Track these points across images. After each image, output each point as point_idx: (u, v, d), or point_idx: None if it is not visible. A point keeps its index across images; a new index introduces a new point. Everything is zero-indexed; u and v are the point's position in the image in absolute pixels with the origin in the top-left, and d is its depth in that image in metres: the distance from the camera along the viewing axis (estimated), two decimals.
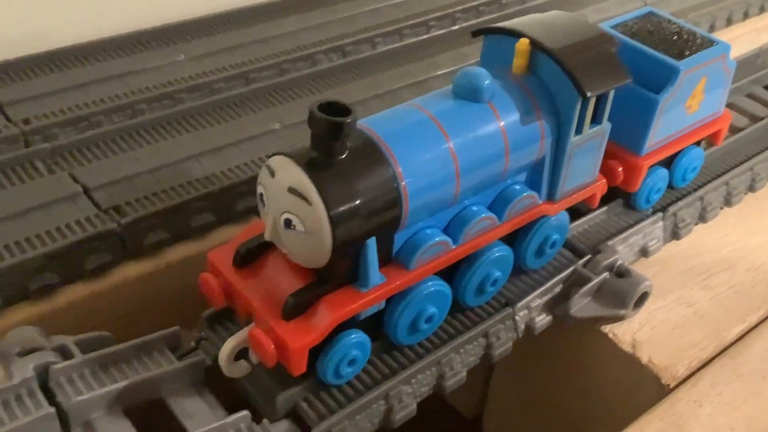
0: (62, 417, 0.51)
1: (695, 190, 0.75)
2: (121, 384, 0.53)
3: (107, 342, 0.57)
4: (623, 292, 0.64)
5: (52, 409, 0.51)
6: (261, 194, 0.51)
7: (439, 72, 0.91)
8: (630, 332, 0.64)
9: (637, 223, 0.70)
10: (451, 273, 0.59)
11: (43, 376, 0.53)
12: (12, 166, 0.70)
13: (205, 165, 0.73)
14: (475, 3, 1.05)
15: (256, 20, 0.98)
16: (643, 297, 0.65)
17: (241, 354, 0.55)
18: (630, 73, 0.59)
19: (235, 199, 0.71)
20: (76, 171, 0.70)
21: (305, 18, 1.00)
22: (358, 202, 0.49)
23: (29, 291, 0.61)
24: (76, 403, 0.51)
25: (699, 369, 0.62)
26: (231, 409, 0.53)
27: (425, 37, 0.98)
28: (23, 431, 0.50)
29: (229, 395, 0.56)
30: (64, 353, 0.55)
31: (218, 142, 0.75)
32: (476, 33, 0.61)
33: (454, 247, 0.56)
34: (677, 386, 0.61)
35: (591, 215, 0.70)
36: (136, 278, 0.66)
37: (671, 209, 0.72)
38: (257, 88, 0.84)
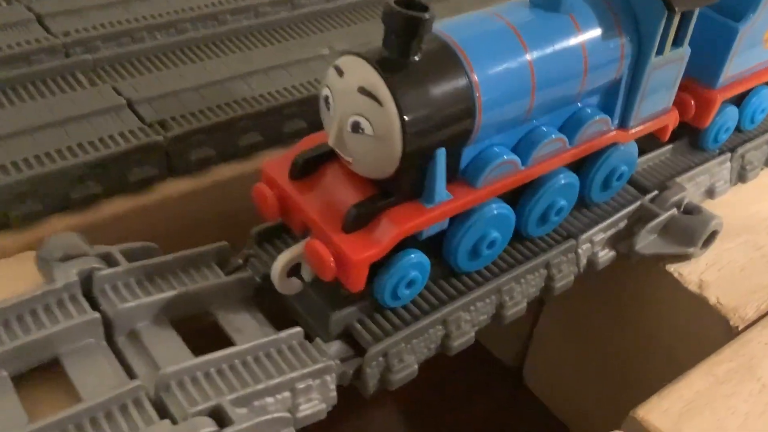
0: (106, 325, 0.49)
1: (763, 133, 0.72)
2: (169, 294, 0.50)
3: (153, 253, 0.54)
4: (692, 229, 0.61)
5: (97, 315, 0.48)
6: (326, 96, 0.47)
7: None
8: (697, 272, 0.61)
9: (704, 162, 0.67)
10: (515, 200, 0.56)
11: (87, 283, 0.50)
12: (52, 76, 0.67)
13: (252, 85, 0.70)
14: None
15: None
16: (713, 236, 0.62)
17: (293, 272, 0.52)
18: None
19: (283, 121, 0.68)
20: (119, 84, 0.67)
21: None
22: (431, 107, 0.46)
23: (71, 200, 0.59)
24: (121, 310, 0.49)
25: None
26: (280, 330, 0.51)
27: None
28: (65, 335, 0.47)
29: (279, 317, 0.54)
30: (109, 261, 0.52)
31: (265, 64, 0.72)
32: None
33: (522, 168, 0.53)
34: (746, 328, 0.58)
35: (657, 152, 0.67)
36: (180, 195, 0.63)
37: (739, 150, 0.69)
38: (304, 13, 0.80)
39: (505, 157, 0.51)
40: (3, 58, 0.67)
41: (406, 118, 0.45)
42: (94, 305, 0.50)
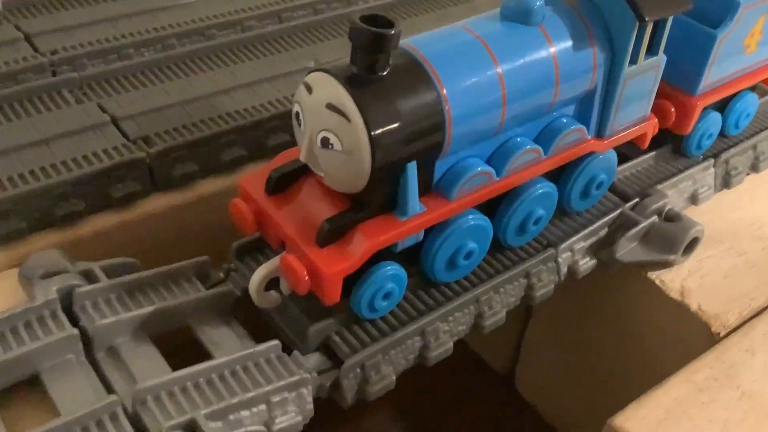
0: (86, 341, 0.50)
1: (748, 138, 0.72)
2: (148, 310, 0.51)
3: (133, 268, 0.55)
4: (673, 237, 0.61)
5: (76, 331, 0.49)
6: (297, 113, 0.48)
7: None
8: (678, 279, 0.61)
9: (687, 168, 0.67)
10: (493, 210, 0.56)
11: (67, 300, 0.51)
12: (39, 93, 0.68)
13: (236, 99, 0.70)
14: None
15: None
16: (694, 243, 0.62)
17: (272, 285, 0.53)
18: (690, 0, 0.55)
19: (267, 134, 0.68)
20: (105, 101, 0.68)
21: None
22: (399, 122, 0.46)
23: (55, 217, 0.60)
24: (100, 327, 0.49)
25: (751, 318, 0.59)
26: (260, 342, 0.51)
27: None
28: (45, 352, 0.48)
29: (258, 330, 0.54)
30: (89, 277, 0.53)
31: (250, 78, 0.73)
32: None
33: (497, 179, 0.53)
34: (728, 335, 0.58)
35: (639, 159, 0.67)
36: (164, 210, 0.64)
37: (723, 156, 0.69)
38: (291, 26, 0.81)
39: (479, 168, 0.52)
40: None
41: (373, 133, 0.45)
42: (75, 322, 0.50)
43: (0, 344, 0.48)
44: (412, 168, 0.48)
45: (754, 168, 0.72)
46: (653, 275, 0.62)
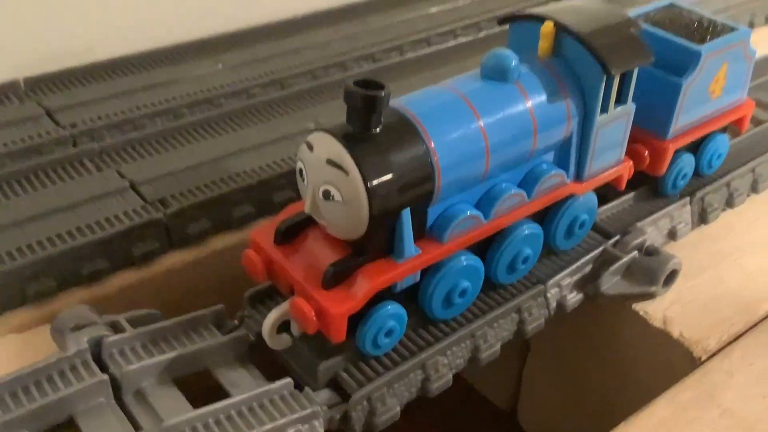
0: (115, 386, 0.54)
1: (722, 176, 0.77)
2: (170, 355, 0.55)
3: (155, 318, 0.59)
4: (653, 270, 0.65)
5: (106, 377, 0.53)
6: (300, 169, 0.53)
7: None
8: (661, 309, 0.66)
9: (664, 207, 0.72)
10: (484, 251, 0.61)
11: (97, 349, 0.56)
12: (62, 164, 0.74)
13: (244, 161, 0.76)
14: (497, 13, 1.08)
15: (290, 33, 1.02)
16: (673, 275, 0.66)
17: (283, 329, 0.57)
18: (652, 53, 0.61)
19: (274, 192, 0.74)
20: (123, 168, 0.74)
21: (337, 29, 1.03)
22: (393, 173, 0.51)
23: (81, 276, 0.64)
24: (128, 372, 0.54)
25: (730, 343, 0.63)
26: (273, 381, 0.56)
27: (452, 44, 1.01)
28: (79, 396, 0.52)
29: (272, 371, 0.58)
30: (116, 328, 0.58)
31: (256, 141, 0.79)
32: (503, 20, 0.64)
33: (485, 221, 0.58)
34: (709, 359, 0.62)
35: (618, 201, 0.72)
36: (181, 266, 0.69)
37: (698, 194, 0.74)
38: (292, 93, 0.87)
39: (468, 212, 0.57)
40: (17, 151, 0.74)
41: (369, 184, 0.50)
42: (104, 368, 0.55)
43: (37, 391, 0.53)
44: (406, 214, 0.53)
45: (729, 204, 0.77)
46: (637, 306, 0.66)
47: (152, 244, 0.67)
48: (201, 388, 0.57)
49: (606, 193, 0.70)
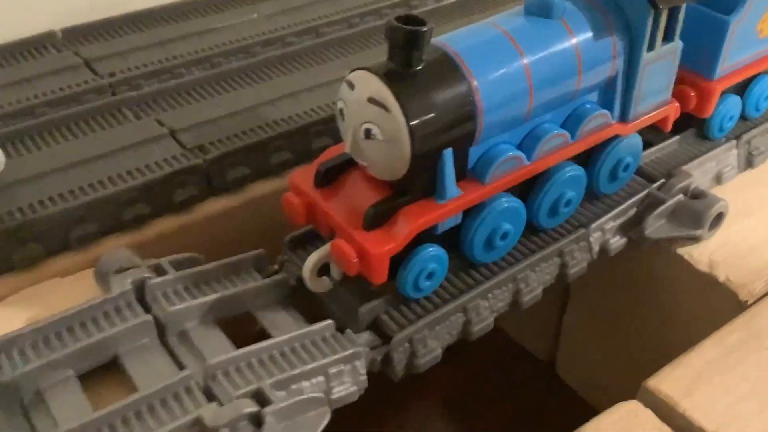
0: (159, 327, 0.55)
1: None
2: (213, 297, 0.56)
3: (198, 262, 0.60)
4: (698, 213, 0.64)
5: (150, 317, 0.54)
6: (341, 109, 0.53)
7: None
8: (706, 253, 0.64)
9: (710, 150, 0.70)
10: (526, 194, 0.60)
11: (140, 291, 0.56)
12: (101, 113, 0.74)
13: (281, 109, 0.75)
14: None
15: None
16: (719, 218, 0.65)
17: (323, 273, 0.57)
18: None
19: (312, 138, 0.73)
20: (162, 116, 0.74)
21: None
22: (435, 112, 0.51)
23: (123, 221, 0.65)
24: (171, 313, 0.54)
25: None
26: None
27: None
28: (123, 337, 0.53)
29: (313, 314, 0.59)
30: (158, 271, 0.58)
31: (292, 89, 0.78)
32: None
33: (527, 162, 0.57)
34: (755, 302, 0.61)
35: (663, 144, 0.71)
36: (221, 212, 0.69)
37: (745, 137, 0.72)
38: (327, 41, 0.86)
39: (510, 153, 0.56)
40: (56, 100, 0.74)
41: (411, 122, 0.50)
42: (147, 310, 0.55)
43: (82, 331, 0.53)
44: (448, 154, 0.52)
45: None
46: (682, 250, 0.65)
47: (192, 191, 0.68)
48: (244, 333, 0.57)
49: (651, 135, 0.69)
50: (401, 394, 0.57)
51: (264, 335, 0.56)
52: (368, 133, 0.51)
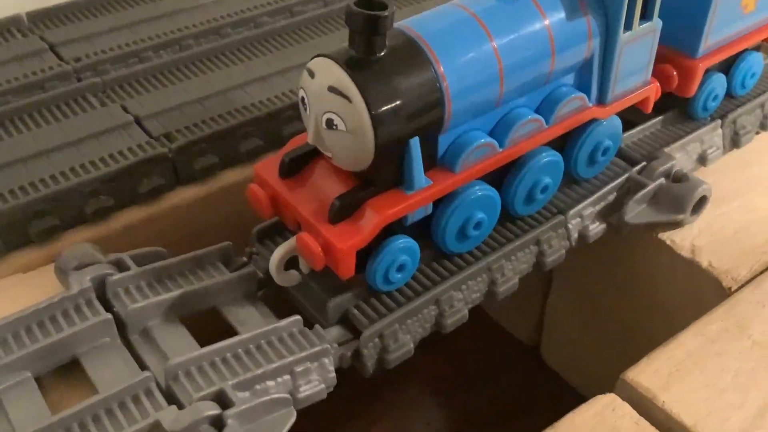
0: (120, 325, 0.53)
1: (756, 97, 0.72)
2: (176, 293, 0.54)
3: (161, 257, 0.58)
4: (680, 197, 0.62)
5: (110, 316, 0.52)
6: (303, 98, 0.51)
7: None
8: (689, 238, 0.63)
9: (694, 130, 0.68)
10: (500, 181, 0.58)
11: (101, 288, 0.54)
12: (65, 99, 0.72)
13: (251, 93, 0.73)
14: None
15: None
16: (702, 201, 0.63)
17: (291, 265, 0.55)
18: None
19: (282, 125, 0.71)
20: (127, 103, 0.72)
21: None
22: (399, 100, 0.48)
23: (86, 213, 0.63)
24: (132, 311, 0.52)
25: (763, 272, 0.61)
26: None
27: None
28: (82, 336, 0.51)
29: (282, 309, 0.57)
30: (120, 266, 0.56)
31: (264, 72, 0.76)
32: None
33: (500, 150, 0.55)
34: (739, 289, 0.59)
35: (645, 125, 0.68)
36: (188, 202, 0.67)
37: (731, 116, 0.70)
38: (302, 20, 0.84)
39: (482, 140, 0.54)
40: (19, 87, 0.72)
41: (374, 112, 0.47)
42: (108, 308, 0.54)
43: (41, 331, 0.52)
44: (415, 143, 0.50)
45: (763, 126, 0.73)
46: (664, 236, 0.63)
47: (158, 181, 0.65)
48: (209, 329, 0.55)
49: (632, 117, 0.66)
50: (383, 380, 0.55)
51: (231, 331, 0.55)
52: (330, 124, 0.49)
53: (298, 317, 0.53)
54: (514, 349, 0.89)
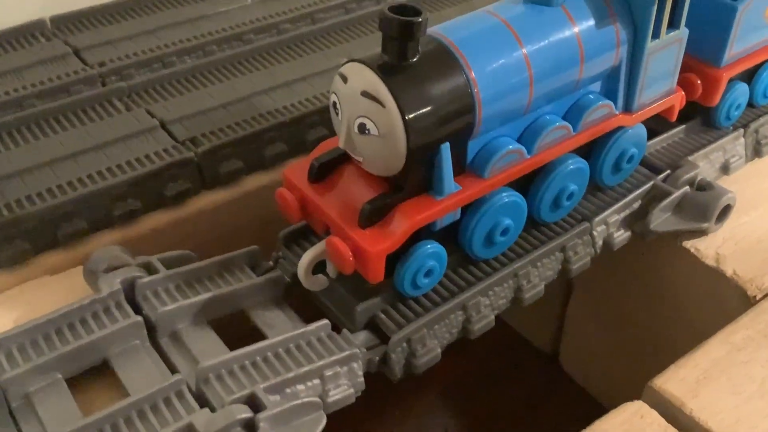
0: (149, 328, 0.53)
1: None
2: (205, 296, 0.54)
3: (190, 259, 0.58)
4: (705, 205, 0.62)
5: (140, 318, 0.52)
6: (334, 102, 0.51)
7: None
8: (713, 246, 0.63)
9: (717, 139, 0.68)
10: (527, 188, 0.58)
11: (130, 291, 0.55)
12: (91, 104, 0.72)
13: (275, 99, 0.74)
14: None
15: None
16: (726, 210, 0.63)
17: (319, 270, 0.56)
18: None
19: (306, 130, 0.71)
20: (152, 107, 0.72)
21: None
22: (431, 105, 0.49)
23: (113, 217, 0.63)
24: (162, 313, 0.53)
25: None
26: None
27: None
28: (113, 339, 0.52)
29: (309, 313, 0.57)
30: (149, 269, 0.56)
31: (287, 78, 0.76)
32: None
33: (528, 156, 0.55)
34: (764, 298, 0.59)
35: (669, 133, 0.69)
36: (214, 206, 0.67)
37: (753, 125, 0.70)
38: (323, 27, 0.84)
39: (510, 147, 0.54)
40: (45, 91, 0.72)
41: (407, 117, 0.48)
42: (138, 310, 0.54)
43: (71, 333, 0.52)
44: (445, 149, 0.50)
45: None
46: (688, 244, 0.63)
47: (184, 184, 0.66)
48: (238, 331, 0.55)
49: (656, 125, 0.67)
50: (402, 386, 0.55)
51: (258, 334, 0.55)
52: (363, 128, 0.49)
53: (326, 321, 0.53)
54: (533, 356, 0.89)
